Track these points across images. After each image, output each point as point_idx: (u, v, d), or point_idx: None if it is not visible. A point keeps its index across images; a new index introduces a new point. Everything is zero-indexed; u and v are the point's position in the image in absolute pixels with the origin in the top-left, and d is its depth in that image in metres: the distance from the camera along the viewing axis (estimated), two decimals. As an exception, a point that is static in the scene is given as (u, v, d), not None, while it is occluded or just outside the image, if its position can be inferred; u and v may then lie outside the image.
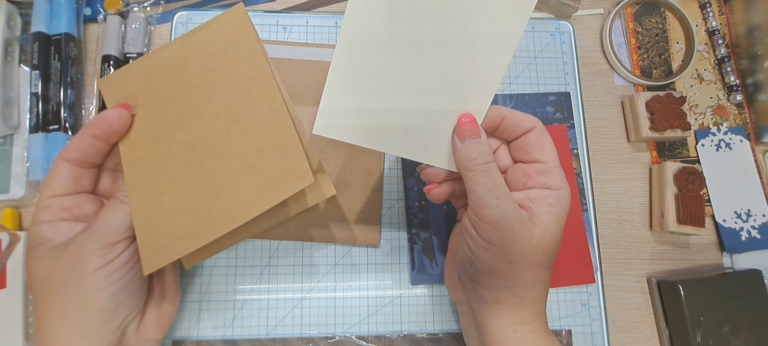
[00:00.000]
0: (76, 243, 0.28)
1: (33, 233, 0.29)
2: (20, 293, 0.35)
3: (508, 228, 0.28)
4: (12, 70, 0.40)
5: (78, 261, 0.27)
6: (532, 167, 0.30)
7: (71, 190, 0.30)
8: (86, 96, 0.42)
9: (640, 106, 0.43)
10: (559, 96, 0.44)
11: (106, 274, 0.27)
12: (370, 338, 0.38)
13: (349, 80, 0.29)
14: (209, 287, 0.38)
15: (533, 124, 0.30)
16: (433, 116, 0.30)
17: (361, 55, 0.29)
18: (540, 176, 0.30)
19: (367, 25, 0.28)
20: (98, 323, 0.28)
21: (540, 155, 0.30)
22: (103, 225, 0.28)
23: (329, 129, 0.29)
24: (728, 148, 0.45)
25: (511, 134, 0.31)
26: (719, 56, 0.47)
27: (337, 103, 0.29)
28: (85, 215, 0.30)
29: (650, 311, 0.41)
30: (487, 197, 0.28)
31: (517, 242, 0.28)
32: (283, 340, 0.37)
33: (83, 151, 0.30)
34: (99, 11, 0.43)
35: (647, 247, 0.43)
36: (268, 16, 0.44)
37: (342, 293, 0.39)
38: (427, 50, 0.29)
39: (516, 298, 0.29)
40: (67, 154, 0.29)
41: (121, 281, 0.28)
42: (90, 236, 0.28)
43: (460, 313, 0.36)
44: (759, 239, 0.42)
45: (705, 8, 0.48)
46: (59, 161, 0.29)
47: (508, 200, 0.28)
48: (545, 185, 0.29)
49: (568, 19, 0.47)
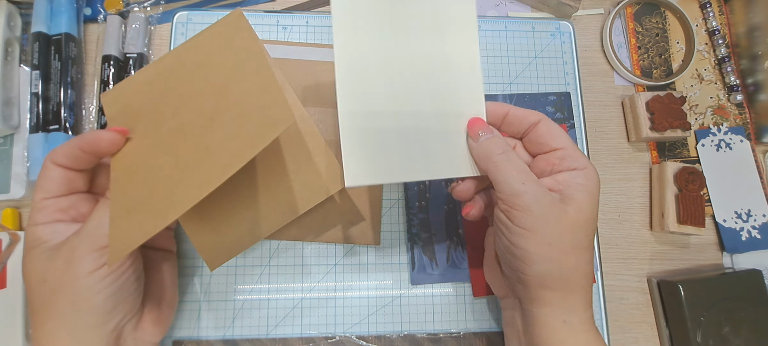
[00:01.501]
0: (69, 246, 0.28)
1: (29, 235, 0.29)
2: (20, 293, 0.35)
3: (541, 211, 0.28)
4: (12, 70, 0.40)
5: (71, 264, 0.27)
6: (553, 155, 0.31)
7: (65, 191, 0.29)
8: (86, 96, 0.42)
9: (640, 106, 0.43)
10: (559, 96, 0.44)
11: (99, 277, 0.27)
12: (370, 338, 0.38)
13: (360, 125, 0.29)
14: (209, 287, 0.38)
15: (539, 116, 0.31)
16: (441, 133, 0.31)
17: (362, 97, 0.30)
18: (563, 160, 0.30)
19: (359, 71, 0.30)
20: (93, 325, 0.28)
21: (556, 143, 0.31)
22: (95, 227, 0.28)
23: (359, 178, 0.29)
24: (728, 148, 0.45)
25: (519, 129, 0.32)
26: (719, 56, 0.47)
27: (356, 151, 0.29)
28: (81, 214, 0.30)
29: (650, 311, 0.41)
30: (514, 184, 0.28)
31: (552, 223, 0.28)
32: (283, 340, 0.37)
33: (72, 159, 0.29)
34: (99, 11, 0.43)
35: (647, 247, 0.43)
36: (268, 16, 0.44)
37: (342, 293, 0.39)
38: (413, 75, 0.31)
39: (561, 281, 0.29)
40: (56, 158, 0.29)
41: (116, 283, 0.28)
42: (82, 239, 0.28)
43: (503, 307, 0.36)
44: (759, 239, 0.42)
45: (705, 8, 0.48)
46: (48, 164, 0.29)
47: (536, 184, 0.29)
48: (571, 167, 0.30)
49: (569, 19, 0.47)
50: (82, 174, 0.30)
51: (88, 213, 0.30)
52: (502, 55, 0.45)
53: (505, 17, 0.47)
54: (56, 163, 0.29)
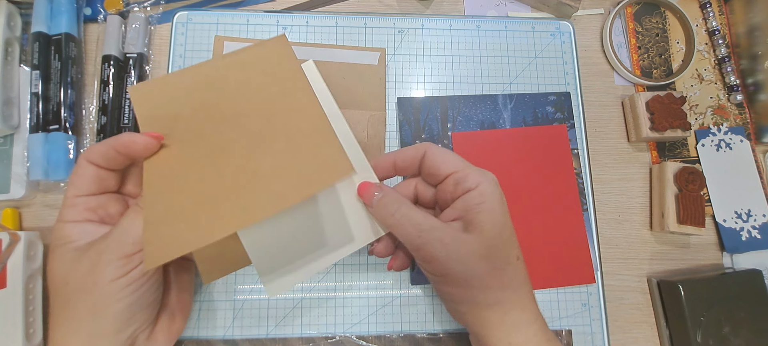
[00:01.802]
0: (96, 250, 0.27)
1: (57, 231, 0.29)
2: (20, 293, 0.34)
3: (445, 253, 0.28)
4: (12, 70, 0.40)
5: (95, 270, 0.27)
6: (447, 183, 0.31)
7: (96, 190, 0.30)
8: (86, 96, 0.42)
9: (640, 106, 0.43)
10: (560, 96, 0.44)
11: (122, 285, 0.27)
12: (370, 338, 0.38)
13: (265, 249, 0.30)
14: (209, 287, 0.38)
15: (424, 148, 0.31)
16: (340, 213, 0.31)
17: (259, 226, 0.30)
18: (457, 185, 0.30)
19: None
20: (110, 333, 0.28)
21: (446, 169, 0.30)
22: (122, 233, 0.28)
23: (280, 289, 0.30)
24: (728, 148, 0.45)
25: (413, 168, 0.32)
26: (719, 56, 0.47)
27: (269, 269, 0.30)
28: (110, 215, 0.30)
29: (650, 311, 0.41)
30: (412, 239, 0.29)
31: (462, 259, 0.28)
32: (283, 340, 0.37)
33: (106, 159, 0.29)
34: (99, 11, 0.43)
35: (647, 247, 0.43)
36: (268, 16, 0.44)
37: (342, 293, 0.39)
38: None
39: (495, 304, 0.29)
40: (90, 157, 0.29)
41: (136, 293, 0.28)
42: (109, 244, 0.27)
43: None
44: (759, 239, 0.42)
45: (705, 8, 0.48)
46: (83, 162, 0.29)
47: (432, 229, 0.28)
48: (465, 189, 0.29)
49: (569, 19, 0.47)
50: (114, 174, 0.31)
51: (117, 214, 0.30)
52: (502, 55, 0.45)
53: (505, 17, 0.47)
54: (90, 162, 0.29)
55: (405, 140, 0.41)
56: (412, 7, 0.46)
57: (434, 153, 0.31)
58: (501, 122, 0.43)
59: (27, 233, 0.35)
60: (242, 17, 0.43)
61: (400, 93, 0.43)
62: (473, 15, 0.47)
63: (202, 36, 0.43)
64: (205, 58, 0.42)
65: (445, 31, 0.45)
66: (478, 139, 0.42)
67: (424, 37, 0.45)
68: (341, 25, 0.44)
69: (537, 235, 0.40)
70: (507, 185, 0.41)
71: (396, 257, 0.33)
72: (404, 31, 0.45)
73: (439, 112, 0.42)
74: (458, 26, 0.45)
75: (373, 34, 0.44)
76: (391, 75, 0.43)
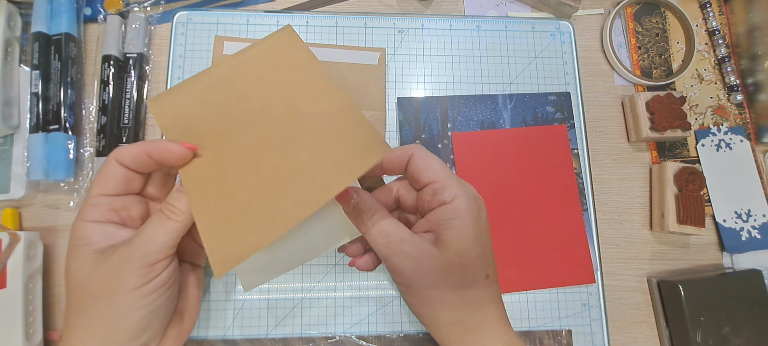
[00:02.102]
0: (118, 257, 0.27)
1: (77, 230, 0.28)
2: (20, 293, 0.34)
3: (411, 266, 0.28)
4: (12, 70, 0.40)
5: (117, 277, 0.27)
6: (426, 191, 0.30)
7: (121, 191, 0.29)
8: (86, 96, 0.42)
9: (640, 106, 0.43)
10: (560, 96, 0.44)
11: (142, 295, 0.27)
12: (370, 338, 0.38)
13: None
14: (209, 287, 0.38)
15: (410, 150, 0.31)
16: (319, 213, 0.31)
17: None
18: (434, 195, 0.30)
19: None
20: (124, 341, 0.27)
21: (427, 176, 0.30)
22: (146, 241, 0.27)
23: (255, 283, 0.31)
24: (728, 148, 0.45)
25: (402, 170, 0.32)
26: (719, 56, 0.47)
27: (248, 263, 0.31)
28: (131, 217, 0.30)
29: (650, 311, 0.41)
30: (381, 250, 0.29)
31: (427, 273, 0.28)
32: (283, 340, 0.37)
33: (137, 162, 0.29)
34: (99, 11, 0.43)
35: (647, 247, 0.43)
36: (268, 16, 0.44)
37: (342, 293, 0.39)
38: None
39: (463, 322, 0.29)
40: (121, 158, 0.29)
41: (155, 303, 0.28)
42: (133, 252, 0.27)
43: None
44: (759, 239, 0.42)
45: (705, 8, 0.48)
46: (113, 162, 0.29)
47: (400, 242, 0.29)
48: (441, 201, 0.29)
49: (568, 19, 0.47)
50: (141, 176, 0.30)
51: (138, 217, 0.30)
52: (502, 55, 0.45)
53: (505, 17, 0.47)
54: (120, 163, 0.29)
55: (405, 140, 0.41)
56: (412, 7, 0.46)
57: (419, 158, 0.30)
58: (501, 122, 0.43)
59: (27, 233, 0.35)
60: (242, 17, 0.43)
61: (400, 93, 0.43)
62: (473, 15, 0.47)
63: (202, 36, 0.43)
64: (205, 57, 0.42)
65: (445, 31, 0.45)
66: (478, 139, 0.42)
67: (424, 37, 0.45)
68: (341, 25, 0.44)
69: (537, 235, 0.40)
70: (507, 185, 0.41)
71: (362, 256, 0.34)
72: (404, 31, 0.45)
73: (439, 112, 0.42)
74: (458, 26, 0.45)
75: (373, 34, 0.44)
76: (391, 75, 0.43)
